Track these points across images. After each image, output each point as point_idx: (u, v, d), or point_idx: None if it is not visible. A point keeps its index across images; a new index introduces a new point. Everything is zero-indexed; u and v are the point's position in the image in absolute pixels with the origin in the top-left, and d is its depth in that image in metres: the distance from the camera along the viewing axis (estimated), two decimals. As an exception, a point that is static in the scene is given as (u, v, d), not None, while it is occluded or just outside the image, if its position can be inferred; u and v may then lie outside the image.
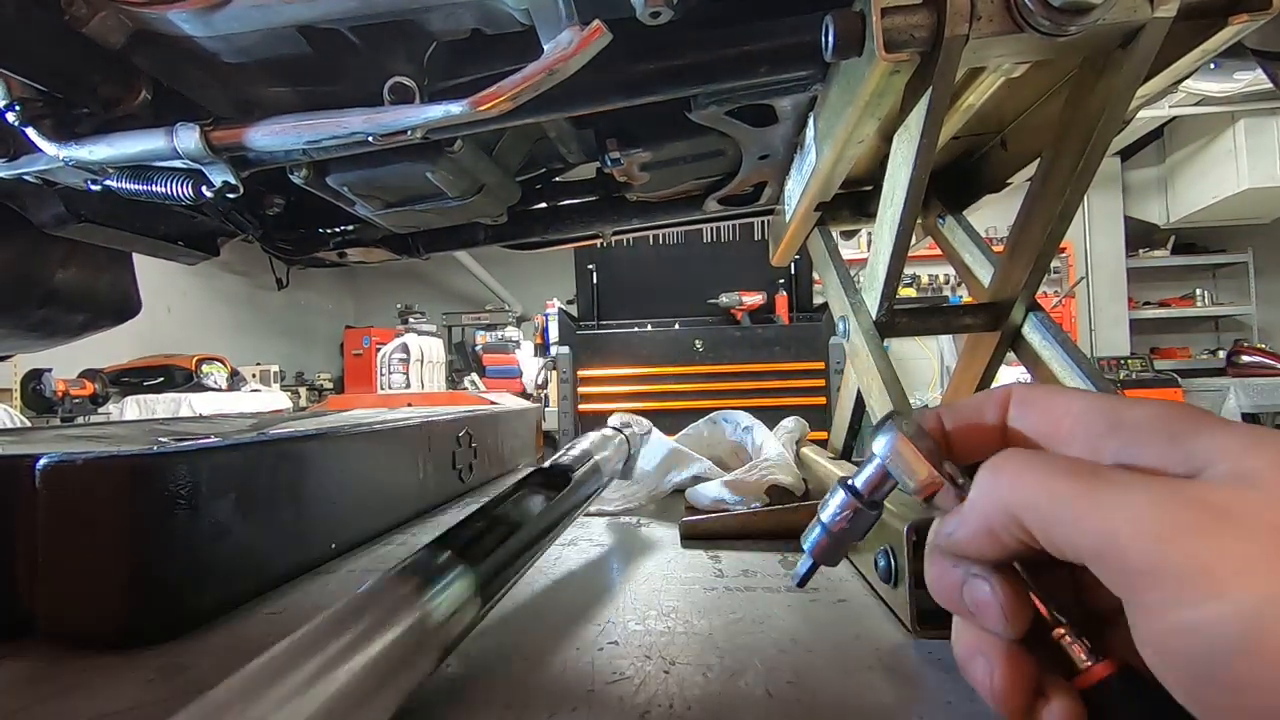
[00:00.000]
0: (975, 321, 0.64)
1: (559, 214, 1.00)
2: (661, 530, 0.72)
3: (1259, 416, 4.17)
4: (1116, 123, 0.47)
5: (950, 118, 0.60)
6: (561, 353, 2.90)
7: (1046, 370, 0.59)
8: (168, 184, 0.64)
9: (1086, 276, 5.05)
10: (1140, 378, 4.14)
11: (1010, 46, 0.43)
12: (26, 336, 1.05)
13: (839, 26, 0.44)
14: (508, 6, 0.50)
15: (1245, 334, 5.05)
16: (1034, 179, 0.56)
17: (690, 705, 0.34)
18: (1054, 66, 0.56)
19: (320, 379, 5.89)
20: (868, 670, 0.38)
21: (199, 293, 4.94)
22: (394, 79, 0.56)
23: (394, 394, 3.51)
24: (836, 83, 0.55)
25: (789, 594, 0.51)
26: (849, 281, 0.69)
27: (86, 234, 0.82)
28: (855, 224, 0.85)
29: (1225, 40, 0.45)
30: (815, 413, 2.61)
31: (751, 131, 0.69)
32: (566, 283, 3.87)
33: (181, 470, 0.44)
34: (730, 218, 1.01)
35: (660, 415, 1.07)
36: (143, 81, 0.60)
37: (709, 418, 0.96)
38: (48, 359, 3.23)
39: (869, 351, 0.61)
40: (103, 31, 0.52)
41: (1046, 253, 0.56)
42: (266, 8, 0.50)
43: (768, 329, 2.91)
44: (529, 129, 0.79)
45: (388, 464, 0.73)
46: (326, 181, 0.72)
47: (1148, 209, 5.15)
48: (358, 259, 1.06)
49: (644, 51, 0.58)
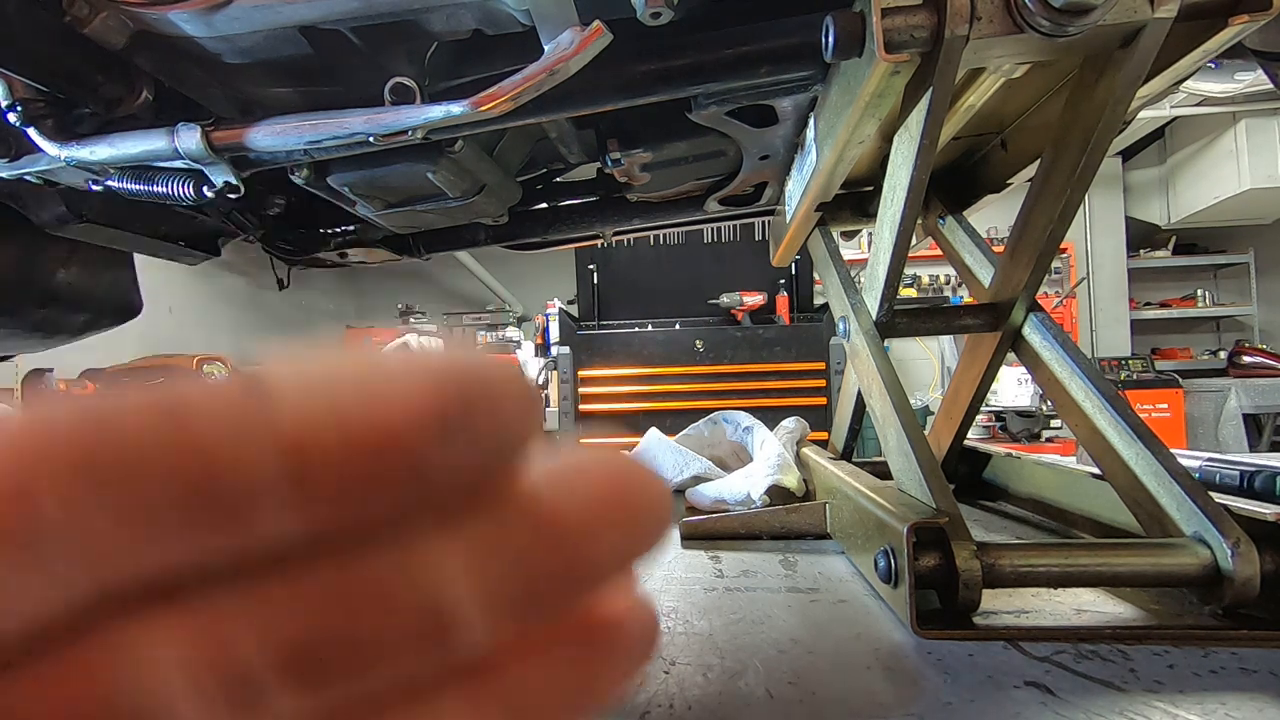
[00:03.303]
0: (976, 322, 0.64)
1: (560, 214, 1.00)
2: (662, 530, 0.72)
3: (1259, 417, 4.16)
4: (1117, 123, 0.47)
5: (950, 118, 0.60)
6: (562, 353, 2.90)
7: (1047, 371, 0.59)
8: (169, 184, 0.64)
9: (1087, 277, 5.04)
10: (1141, 378, 4.14)
11: (1010, 47, 0.43)
12: (28, 336, 1.06)
13: (839, 27, 0.44)
14: (508, 7, 0.50)
15: (1246, 334, 5.04)
16: (1034, 179, 0.56)
17: (690, 705, 0.34)
18: (1054, 67, 0.56)
19: (321, 379, 5.90)
20: (867, 670, 0.38)
21: (200, 293, 4.94)
22: (395, 79, 0.56)
23: (395, 394, 3.51)
24: (837, 83, 0.55)
25: (789, 594, 0.51)
26: (849, 282, 0.69)
27: (88, 234, 0.82)
28: (856, 224, 0.85)
29: (1225, 41, 0.44)
30: (816, 413, 2.61)
31: (752, 132, 0.69)
32: (567, 283, 3.87)
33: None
34: (731, 218, 1.01)
35: (661, 415, 1.07)
36: (144, 82, 0.60)
37: (710, 418, 0.96)
38: (49, 359, 3.23)
39: (869, 352, 0.61)
40: (104, 32, 0.52)
41: (1047, 253, 0.56)
42: (268, 8, 0.50)
43: (768, 329, 2.91)
44: (530, 129, 0.79)
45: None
46: (328, 182, 0.72)
47: (1149, 209, 5.14)
48: (359, 259, 1.06)
49: (644, 52, 0.58)
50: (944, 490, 0.48)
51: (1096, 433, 0.53)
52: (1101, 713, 0.33)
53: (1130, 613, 0.46)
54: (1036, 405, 3.51)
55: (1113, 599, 0.48)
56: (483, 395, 0.09)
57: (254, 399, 0.08)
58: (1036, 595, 0.48)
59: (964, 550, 0.42)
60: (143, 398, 0.08)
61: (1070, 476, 0.63)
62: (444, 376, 0.09)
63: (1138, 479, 0.49)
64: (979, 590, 0.42)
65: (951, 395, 0.73)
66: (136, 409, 0.08)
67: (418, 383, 0.09)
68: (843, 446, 0.85)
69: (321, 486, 0.08)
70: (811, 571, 0.56)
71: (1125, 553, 0.44)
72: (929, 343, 4.65)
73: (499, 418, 0.09)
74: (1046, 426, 3.54)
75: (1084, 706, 0.34)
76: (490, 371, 0.09)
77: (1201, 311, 5.07)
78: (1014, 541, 0.53)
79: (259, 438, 0.08)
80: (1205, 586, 0.43)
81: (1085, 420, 0.54)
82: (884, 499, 0.51)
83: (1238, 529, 0.42)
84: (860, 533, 0.54)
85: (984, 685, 0.36)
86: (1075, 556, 0.44)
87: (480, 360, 0.09)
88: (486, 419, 0.09)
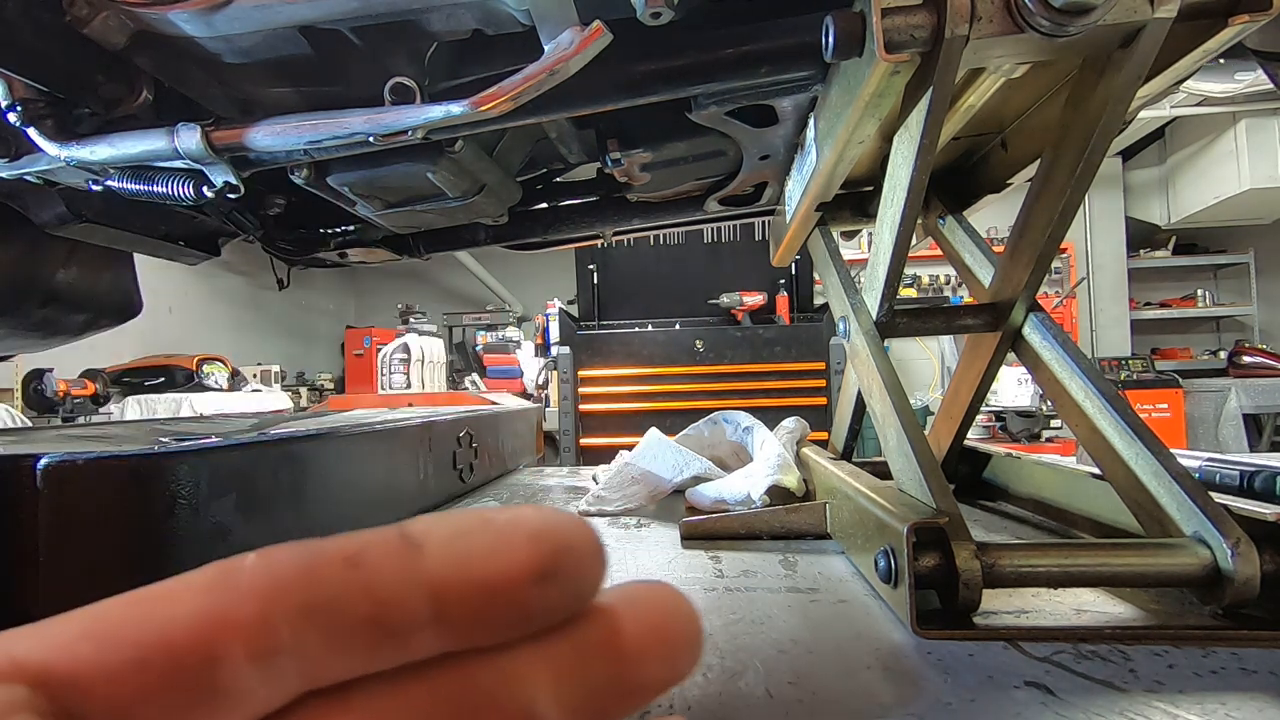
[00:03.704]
0: (976, 322, 0.64)
1: (560, 214, 1.00)
2: (661, 530, 0.72)
3: (1259, 417, 4.16)
4: (1117, 123, 0.47)
5: (950, 118, 0.60)
6: (562, 353, 2.89)
7: (1047, 371, 0.59)
8: (169, 184, 0.64)
9: (1087, 277, 5.04)
10: (1141, 378, 4.14)
11: (1010, 47, 0.43)
12: (28, 336, 1.06)
13: (839, 27, 0.45)
14: (508, 7, 0.50)
15: (1246, 334, 5.04)
16: (1034, 180, 0.56)
17: (690, 705, 0.34)
18: (1054, 67, 0.56)
19: (321, 379, 5.89)
20: (867, 670, 0.38)
21: (200, 293, 4.94)
22: (395, 79, 0.56)
23: (395, 394, 3.51)
24: (837, 83, 0.55)
25: (789, 594, 0.51)
26: (849, 282, 0.69)
27: (88, 234, 0.83)
28: (856, 224, 0.85)
29: (1225, 41, 0.45)
30: (816, 413, 2.61)
31: (752, 132, 0.69)
32: (567, 283, 3.86)
33: (183, 470, 0.45)
34: (731, 218, 1.01)
35: (660, 415, 1.07)
36: (144, 82, 0.60)
37: (709, 418, 0.96)
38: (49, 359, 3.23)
39: (869, 352, 0.61)
40: (104, 32, 0.52)
41: (1047, 253, 0.56)
42: (267, 8, 0.50)
43: (768, 329, 2.90)
44: (530, 129, 0.79)
45: (389, 464, 0.73)
46: (327, 182, 0.72)
47: (1149, 209, 5.14)
48: (359, 259, 1.06)
49: (645, 52, 0.58)
50: (944, 490, 0.48)
51: (1096, 433, 0.53)
52: (1101, 713, 0.33)
53: (1130, 613, 0.46)
54: (1036, 405, 3.51)
55: (1113, 599, 0.48)
56: (567, 552, 0.12)
57: (409, 551, 0.12)
58: (1036, 595, 0.48)
59: (964, 550, 0.42)
60: (336, 548, 0.12)
61: (1070, 476, 0.63)
62: (540, 537, 0.12)
63: (1138, 479, 0.49)
64: (979, 590, 0.42)
65: (951, 395, 0.73)
66: (331, 561, 0.12)
67: (521, 541, 0.12)
68: (843, 446, 0.85)
69: (455, 621, 0.12)
70: (811, 571, 0.56)
71: (1125, 553, 0.44)
72: (929, 343, 4.65)
73: (579, 570, 0.12)
74: (1046, 426, 3.55)
75: (1084, 706, 0.34)
76: (573, 531, 0.13)
77: (1201, 311, 5.07)
78: (1014, 541, 0.53)
79: (414, 585, 0.12)
80: (1205, 586, 0.43)
81: (1085, 420, 0.54)
82: (884, 499, 0.51)
83: (1238, 529, 0.42)
84: (860, 533, 0.54)
85: (984, 685, 0.36)
86: (1075, 556, 0.44)
87: (565, 522, 0.13)
88: (570, 571, 0.12)
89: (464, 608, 0.12)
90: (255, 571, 0.12)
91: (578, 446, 2.86)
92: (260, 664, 0.11)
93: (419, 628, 0.12)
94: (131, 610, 0.12)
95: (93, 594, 0.12)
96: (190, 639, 0.11)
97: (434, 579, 0.12)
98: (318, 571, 0.12)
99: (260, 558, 0.12)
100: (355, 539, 0.12)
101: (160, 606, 0.11)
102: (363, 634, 0.12)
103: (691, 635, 0.14)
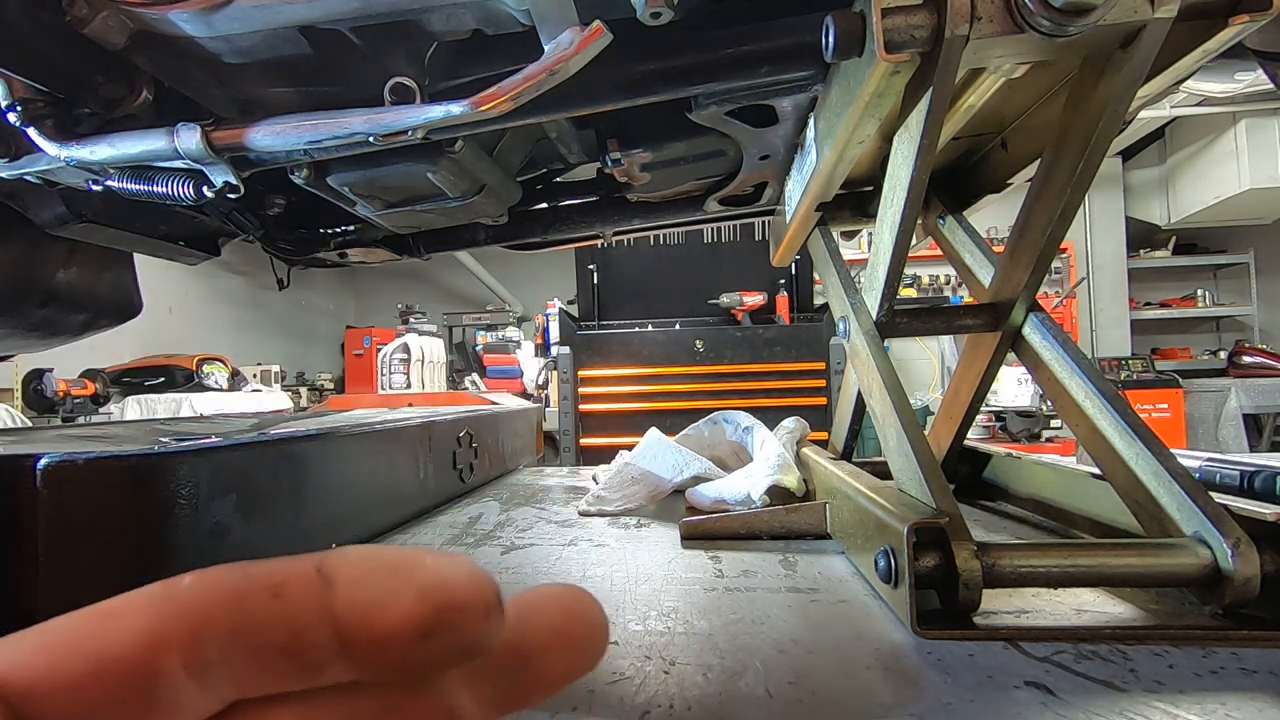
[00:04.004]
0: (976, 322, 0.64)
1: (560, 214, 1.00)
2: (661, 530, 0.72)
3: (1259, 417, 4.16)
4: (1117, 123, 0.47)
5: (950, 118, 0.60)
6: (562, 353, 2.89)
7: (1047, 371, 0.59)
8: (169, 184, 0.64)
9: (1087, 277, 5.04)
10: (1141, 378, 4.14)
11: (1010, 47, 0.43)
12: (28, 336, 1.06)
13: (839, 27, 0.44)
14: (508, 7, 0.50)
15: (1246, 334, 5.04)
16: (1034, 180, 0.56)
17: (690, 705, 0.34)
18: (1054, 67, 0.56)
19: (321, 379, 5.89)
20: (867, 670, 0.38)
21: (200, 293, 4.94)
22: (395, 79, 0.56)
23: (395, 394, 3.51)
24: (837, 83, 0.55)
25: (789, 594, 0.51)
26: (849, 282, 0.69)
27: (88, 234, 0.83)
28: (856, 224, 0.85)
29: (1226, 41, 0.44)
30: (816, 413, 2.61)
31: (752, 132, 0.69)
32: (567, 283, 3.87)
33: (182, 470, 0.45)
34: (731, 218, 1.01)
35: (660, 415, 1.07)
36: (144, 82, 0.60)
37: (709, 418, 0.96)
38: (49, 359, 3.23)
39: (869, 352, 0.61)
40: (104, 32, 0.52)
41: (1047, 253, 0.56)
42: (267, 8, 0.50)
43: (768, 329, 2.90)
44: (530, 129, 0.79)
45: (389, 464, 0.73)
46: (327, 182, 0.72)
47: (1149, 209, 5.15)
48: (358, 259, 1.06)
49: (645, 52, 0.58)
50: (944, 490, 0.48)
51: (1096, 433, 0.53)
52: (1101, 713, 0.33)
53: (1130, 613, 0.46)
54: (1036, 405, 3.51)
55: (1113, 599, 0.48)
56: (449, 610, 0.13)
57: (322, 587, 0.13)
58: (1036, 595, 0.48)
59: (964, 550, 0.42)
60: (264, 575, 0.13)
61: (1070, 476, 0.63)
62: (426, 594, 0.13)
63: (1138, 479, 0.49)
64: (979, 590, 0.42)
65: (951, 395, 0.73)
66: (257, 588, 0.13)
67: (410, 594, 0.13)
68: (843, 446, 0.85)
69: (357, 659, 0.13)
70: (811, 571, 0.56)
71: (1125, 553, 0.44)
72: (929, 343, 4.65)
73: (462, 628, 0.13)
74: (1046, 426, 3.55)
75: (1084, 706, 0.34)
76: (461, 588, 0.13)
77: (1201, 311, 5.07)
78: (1014, 541, 0.53)
79: (323, 622, 0.13)
80: (1205, 586, 0.43)
81: (1085, 420, 0.54)
82: (884, 499, 0.51)
83: (1238, 529, 0.42)
84: (860, 533, 0.54)
85: (984, 685, 0.36)
86: (1075, 556, 0.44)
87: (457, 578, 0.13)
88: (452, 629, 0.13)
89: (362, 650, 0.13)
90: (191, 592, 0.13)
91: (578, 446, 2.86)
92: (195, 676, 0.13)
93: (329, 660, 0.13)
94: (82, 627, 0.13)
95: (93, 594, 0.13)
96: (134, 654, 0.12)
97: (339, 618, 0.13)
98: (245, 598, 0.13)
99: (197, 579, 0.13)
100: (282, 568, 0.13)
101: (108, 624, 0.13)
102: (282, 658, 0.13)
103: (593, 633, 0.15)
